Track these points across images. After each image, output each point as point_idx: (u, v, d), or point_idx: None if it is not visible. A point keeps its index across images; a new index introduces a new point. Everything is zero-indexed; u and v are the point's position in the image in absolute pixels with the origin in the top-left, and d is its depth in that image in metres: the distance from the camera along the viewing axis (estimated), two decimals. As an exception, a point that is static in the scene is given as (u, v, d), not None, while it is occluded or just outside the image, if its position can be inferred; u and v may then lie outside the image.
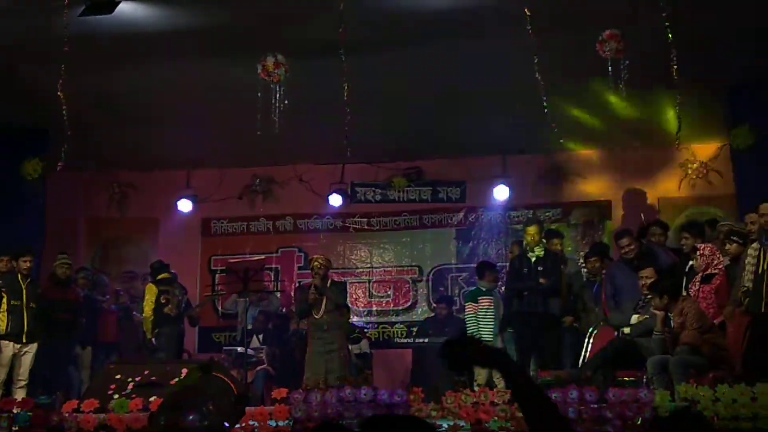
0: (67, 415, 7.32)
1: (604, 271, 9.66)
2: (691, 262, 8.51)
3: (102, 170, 13.06)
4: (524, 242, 10.31)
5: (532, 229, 10.02)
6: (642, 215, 10.76)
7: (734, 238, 8.09)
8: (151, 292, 10.39)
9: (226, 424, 5.06)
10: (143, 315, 10.38)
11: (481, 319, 10.23)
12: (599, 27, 7.85)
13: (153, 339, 10.30)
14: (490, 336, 10.18)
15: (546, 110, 7.89)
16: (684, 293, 8.08)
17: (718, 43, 8.83)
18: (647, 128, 10.77)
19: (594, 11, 8.18)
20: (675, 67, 7.68)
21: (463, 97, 10.46)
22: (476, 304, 10.28)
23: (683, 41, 7.66)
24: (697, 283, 8.14)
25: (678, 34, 7.59)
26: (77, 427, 7.16)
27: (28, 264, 9.58)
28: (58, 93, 8.03)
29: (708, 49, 8.79)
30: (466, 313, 10.44)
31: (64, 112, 8.14)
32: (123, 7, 8.07)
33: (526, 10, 7.46)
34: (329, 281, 9.74)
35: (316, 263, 9.65)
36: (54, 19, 7.94)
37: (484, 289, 10.42)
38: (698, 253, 8.23)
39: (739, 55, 9.08)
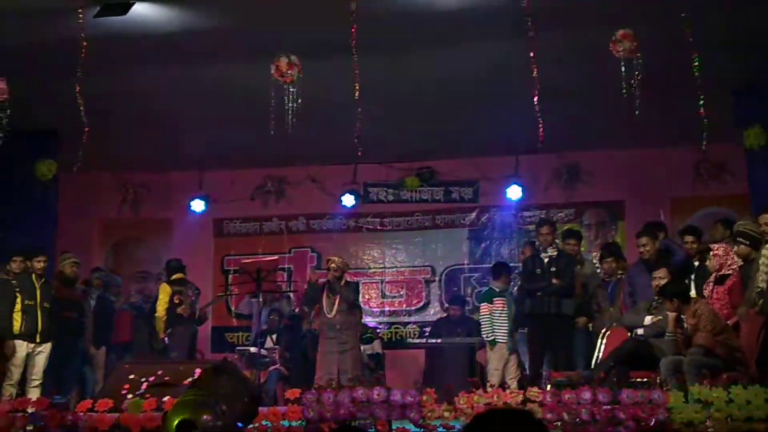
0: (81, 414, 7.34)
1: (619, 272, 9.65)
2: (696, 263, 8.51)
3: (115, 171, 13.14)
4: (537, 243, 10.31)
5: (544, 229, 10.03)
6: (661, 212, 10.71)
7: (741, 239, 8.07)
8: (165, 292, 10.43)
9: (240, 425, 5.08)
10: (156, 314, 10.41)
11: (496, 320, 10.22)
12: (612, 27, 7.83)
13: (165, 338, 10.32)
14: (505, 337, 10.17)
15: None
16: (693, 294, 8.06)
17: (730, 44, 8.80)
18: (660, 128, 10.72)
19: (605, 11, 8.16)
20: (696, 64, 7.65)
21: (476, 96, 10.46)
22: (491, 305, 10.27)
23: (695, 42, 7.63)
24: (711, 284, 8.10)
25: (688, 35, 7.56)
26: (91, 426, 7.18)
27: (42, 264, 9.62)
28: (76, 94, 8.06)
29: (720, 49, 8.76)
30: (481, 314, 10.42)
31: (82, 113, 8.17)
32: (137, 9, 8.10)
33: (524, 3, 7.41)
34: (343, 281, 9.78)
35: (332, 264, 9.69)
36: (69, 20, 7.98)
37: (497, 290, 10.41)
38: (712, 253, 8.20)
39: (751, 55, 9.04)
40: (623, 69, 7.81)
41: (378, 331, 12.56)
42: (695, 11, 7.86)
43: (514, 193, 12.46)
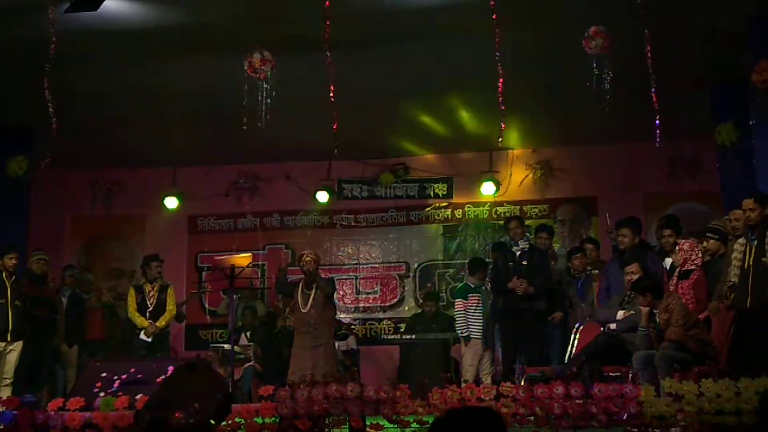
0: (52, 413, 7.28)
1: (589, 267, 9.70)
2: (668, 259, 8.55)
3: (87, 168, 13.04)
4: (507, 238, 10.35)
5: (512, 224, 10.10)
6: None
7: (710, 234, 8.15)
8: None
9: (212, 422, 5.05)
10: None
11: (471, 316, 10.26)
12: (584, 23, 7.86)
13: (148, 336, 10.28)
14: (480, 333, 10.20)
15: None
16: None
17: (702, 41, 8.86)
18: (632, 124, 10.77)
19: (578, 8, 8.20)
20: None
21: (449, 92, 10.48)
22: (466, 301, 10.30)
23: (668, 38, 7.68)
24: (675, 279, 8.17)
25: (662, 31, 7.60)
26: (63, 425, 7.12)
27: (13, 262, 9.54)
28: (45, 89, 7.99)
29: (692, 46, 8.82)
30: (456, 310, 10.45)
31: (50, 109, 8.09)
32: (108, 4, 8.03)
33: (492, 3, 7.43)
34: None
35: (307, 258, 9.63)
36: (39, 16, 7.91)
37: (473, 286, 10.44)
38: (678, 247, 8.27)
39: (723, 52, 9.10)
40: (595, 65, 7.86)
41: (352, 327, 12.57)
42: (670, 7, 7.90)
43: (488, 189, 12.50)
